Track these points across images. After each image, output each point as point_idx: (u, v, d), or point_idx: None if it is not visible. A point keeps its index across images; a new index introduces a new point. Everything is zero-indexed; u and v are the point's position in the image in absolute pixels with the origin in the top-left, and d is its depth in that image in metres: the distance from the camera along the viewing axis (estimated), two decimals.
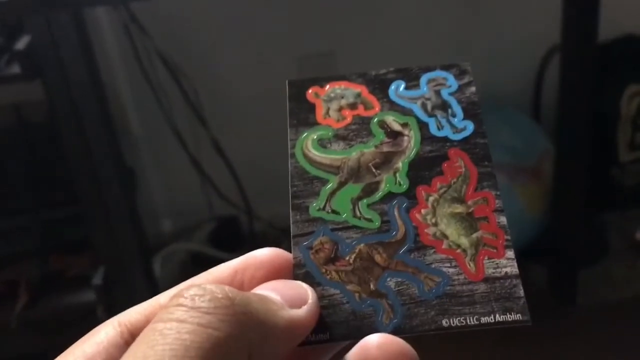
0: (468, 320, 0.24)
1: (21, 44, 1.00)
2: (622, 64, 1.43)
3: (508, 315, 0.24)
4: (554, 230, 1.31)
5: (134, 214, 1.20)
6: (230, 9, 1.35)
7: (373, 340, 0.23)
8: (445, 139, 0.28)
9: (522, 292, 0.24)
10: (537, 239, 1.34)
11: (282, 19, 1.37)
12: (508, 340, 1.20)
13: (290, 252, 0.26)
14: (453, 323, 0.24)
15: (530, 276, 1.37)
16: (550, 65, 1.44)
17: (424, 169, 0.27)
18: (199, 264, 1.40)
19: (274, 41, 1.37)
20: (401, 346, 0.22)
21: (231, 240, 1.47)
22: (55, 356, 0.23)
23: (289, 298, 0.23)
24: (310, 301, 0.24)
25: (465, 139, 0.28)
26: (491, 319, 0.24)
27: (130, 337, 0.23)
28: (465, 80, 0.30)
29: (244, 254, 0.25)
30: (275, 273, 0.25)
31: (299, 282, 0.24)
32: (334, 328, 0.24)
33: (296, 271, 0.25)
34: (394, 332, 0.23)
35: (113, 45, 1.34)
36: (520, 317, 0.24)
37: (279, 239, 1.36)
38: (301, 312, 0.23)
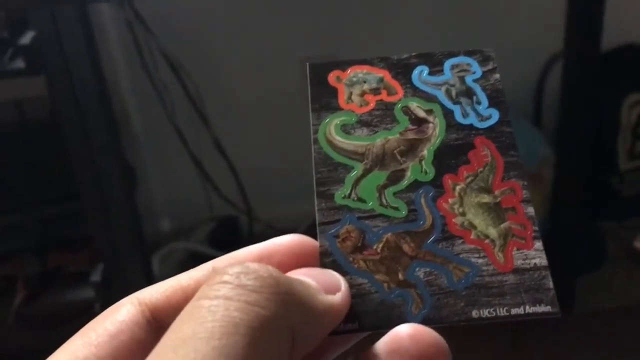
0: (498, 312, 0.24)
1: (26, 38, 1.00)
2: (623, 73, 1.43)
3: (538, 307, 0.24)
4: (553, 237, 1.31)
5: (134, 211, 1.20)
6: (234, 8, 1.35)
7: (404, 331, 0.22)
8: (471, 127, 0.28)
9: (551, 284, 0.24)
10: (542, 245, 1.34)
11: (286, 20, 1.37)
12: (506, 347, 1.20)
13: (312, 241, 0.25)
14: (483, 314, 0.24)
15: None
16: (552, 73, 1.44)
17: (450, 157, 0.27)
18: (198, 263, 1.39)
19: (278, 42, 1.37)
20: (433, 337, 0.22)
21: (230, 241, 1.47)
22: (52, 353, 0.23)
23: (323, 284, 0.23)
24: (343, 288, 0.23)
25: (490, 128, 0.28)
26: (521, 310, 0.24)
27: (151, 316, 0.23)
28: (490, 66, 0.30)
29: None
30: (301, 261, 0.25)
31: (330, 270, 0.24)
32: (363, 318, 0.24)
33: (323, 260, 0.25)
34: (423, 322, 0.23)
35: (116, 43, 1.34)
36: (550, 309, 0.24)
37: None
38: (337, 298, 0.23)
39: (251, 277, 0.20)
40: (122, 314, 0.23)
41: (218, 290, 0.20)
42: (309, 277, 0.23)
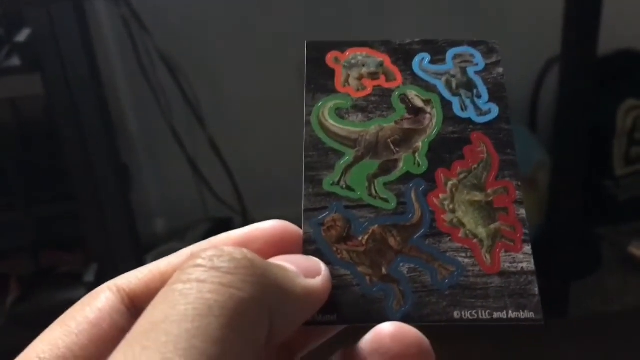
0: (480, 314, 0.23)
1: (21, 36, 1.00)
2: (620, 78, 1.43)
3: (521, 313, 0.23)
4: (548, 242, 1.31)
5: (128, 212, 1.19)
6: (232, 9, 1.35)
7: (387, 329, 0.22)
8: (469, 121, 0.27)
9: (537, 290, 0.24)
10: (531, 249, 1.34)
11: (283, 21, 1.37)
12: (500, 351, 1.20)
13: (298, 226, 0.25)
14: (465, 316, 0.23)
15: None
16: (548, 77, 1.44)
17: (445, 151, 0.26)
18: None
19: (274, 43, 1.37)
20: (416, 336, 0.22)
21: None
22: None
23: (303, 269, 0.22)
24: (323, 272, 0.23)
25: (489, 123, 0.27)
26: (504, 315, 0.23)
27: (130, 303, 0.23)
28: (493, 59, 0.29)
29: None
30: (283, 248, 0.24)
31: (310, 257, 0.24)
32: (342, 310, 0.23)
33: (306, 247, 0.24)
34: (403, 319, 0.23)
35: (112, 42, 1.34)
36: (533, 316, 0.23)
37: None
38: (316, 281, 0.22)
39: (225, 259, 0.20)
40: (101, 302, 0.23)
41: (191, 273, 0.20)
42: (287, 262, 0.22)
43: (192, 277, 0.19)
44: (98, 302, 0.23)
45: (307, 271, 0.22)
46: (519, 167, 0.26)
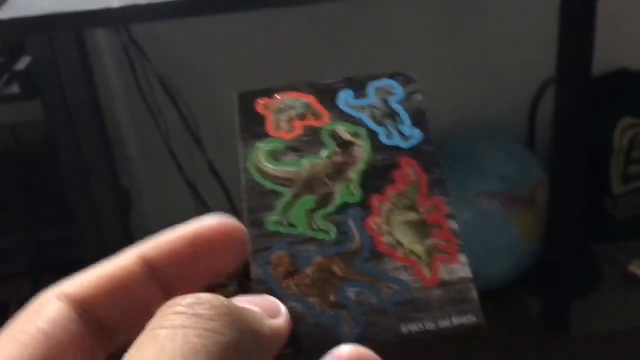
0: (426, 325, 0.24)
1: (22, 64, 1.01)
2: (616, 97, 1.45)
3: (463, 317, 0.24)
4: (547, 261, 1.31)
5: (128, 234, 1.19)
6: (229, 33, 1.37)
7: (344, 352, 0.23)
8: (396, 148, 0.28)
9: (475, 294, 0.25)
10: (531, 268, 1.34)
11: (282, 45, 1.38)
12: None
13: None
14: (412, 329, 0.24)
15: (523, 306, 1.36)
16: (545, 96, 1.45)
17: (376, 178, 0.27)
18: None
19: (273, 67, 1.38)
20: (371, 357, 0.22)
21: None
22: None
23: (265, 309, 0.23)
24: (283, 311, 0.24)
25: (414, 147, 0.28)
26: (448, 323, 0.24)
27: (81, 309, 0.22)
28: (412, 88, 0.30)
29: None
30: (228, 244, 0.25)
31: (268, 296, 0.24)
32: (300, 340, 0.24)
33: (257, 287, 0.25)
34: (356, 341, 0.24)
35: (112, 67, 1.35)
36: (475, 319, 0.24)
37: None
38: (279, 321, 0.23)
39: (205, 307, 0.21)
40: (51, 311, 0.22)
41: (174, 320, 0.20)
42: (251, 304, 0.23)
43: (176, 323, 0.20)
44: (48, 312, 0.22)
45: (269, 311, 0.23)
46: (446, 184, 0.27)
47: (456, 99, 1.45)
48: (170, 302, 0.21)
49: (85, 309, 0.23)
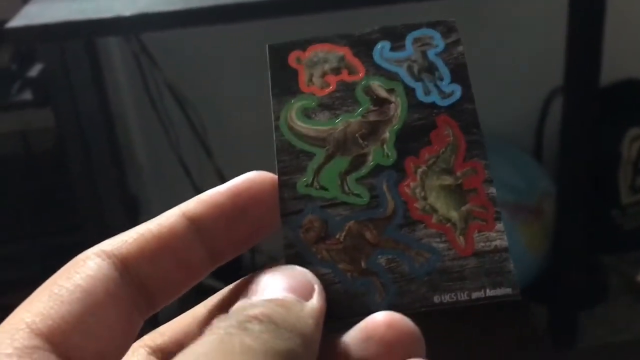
0: (459, 296, 0.24)
1: (33, 71, 1.02)
2: (624, 108, 1.44)
3: (498, 290, 0.24)
4: (555, 272, 1.31)
5: None
6: (239, 42, 1.37)
7: (380, 318, 0.22)
8: (433, 106, 0.26)
9: (511, 266, 0.24)
10: (538, 280, 1.34)
11: None
12: None
13: None
14: (444, 299, 0.24)
15: (530, 318, 1.36)
16: (553, 106, 1.45)
17: (412, 139, 0.26)
18: (200, 295, 1.39)
19: None
20: (408, 325, 0.22)
21: (232, 272, 1.46)
22: None
23: (300, 292, 0.22)
24: (317, 289, 0.23)
25: (452, 105, 0.26)
26: (482, 294, 0.24)
27: (124, 269, 0.22)
28: (453, 38, 0.28)
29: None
30: (263, 195, 0.25)
31: (299, 269, 0.24)
32: (329, 308, 0.23)
33: (287, 251, 0.25)
34: (387, 309, 0.23)
35: (123, 75, 1.36)
36: (510, 291, 0.24)
37: None
38: (316, 302, 0.22)
39: (277, 314, 0.21)
40: (91, 269, 0.21)
41: (249, 322, 0.20)
42: (287, 291, 0.22)
43: (253, 327, 0.20)
44: (87, 269, 0.21)
45: (303, 291, 0.22)
46: (485, 146, 0.26)
47: None
48: (237, 308, 0.21)
49: (127, 269, 0.22)
